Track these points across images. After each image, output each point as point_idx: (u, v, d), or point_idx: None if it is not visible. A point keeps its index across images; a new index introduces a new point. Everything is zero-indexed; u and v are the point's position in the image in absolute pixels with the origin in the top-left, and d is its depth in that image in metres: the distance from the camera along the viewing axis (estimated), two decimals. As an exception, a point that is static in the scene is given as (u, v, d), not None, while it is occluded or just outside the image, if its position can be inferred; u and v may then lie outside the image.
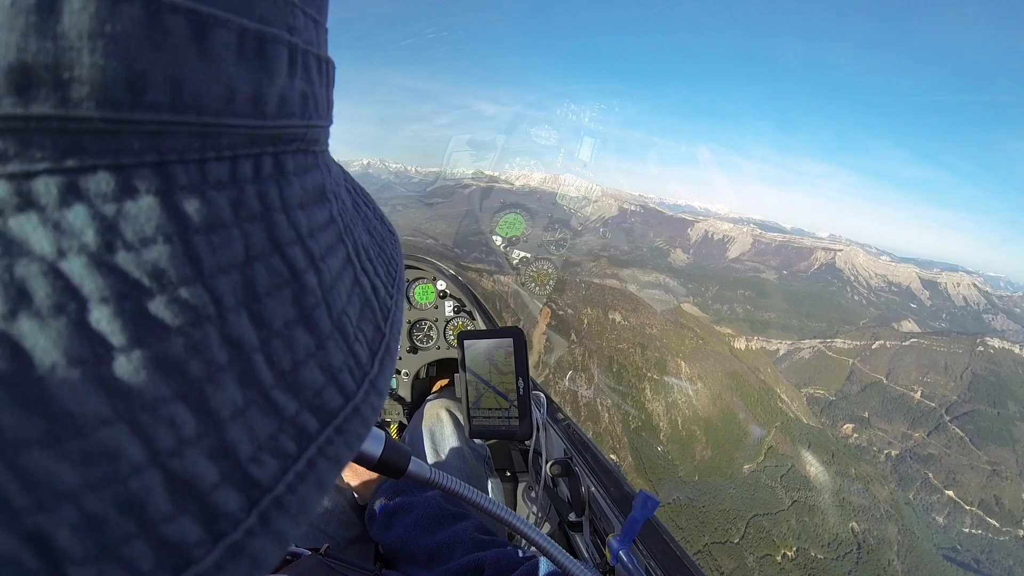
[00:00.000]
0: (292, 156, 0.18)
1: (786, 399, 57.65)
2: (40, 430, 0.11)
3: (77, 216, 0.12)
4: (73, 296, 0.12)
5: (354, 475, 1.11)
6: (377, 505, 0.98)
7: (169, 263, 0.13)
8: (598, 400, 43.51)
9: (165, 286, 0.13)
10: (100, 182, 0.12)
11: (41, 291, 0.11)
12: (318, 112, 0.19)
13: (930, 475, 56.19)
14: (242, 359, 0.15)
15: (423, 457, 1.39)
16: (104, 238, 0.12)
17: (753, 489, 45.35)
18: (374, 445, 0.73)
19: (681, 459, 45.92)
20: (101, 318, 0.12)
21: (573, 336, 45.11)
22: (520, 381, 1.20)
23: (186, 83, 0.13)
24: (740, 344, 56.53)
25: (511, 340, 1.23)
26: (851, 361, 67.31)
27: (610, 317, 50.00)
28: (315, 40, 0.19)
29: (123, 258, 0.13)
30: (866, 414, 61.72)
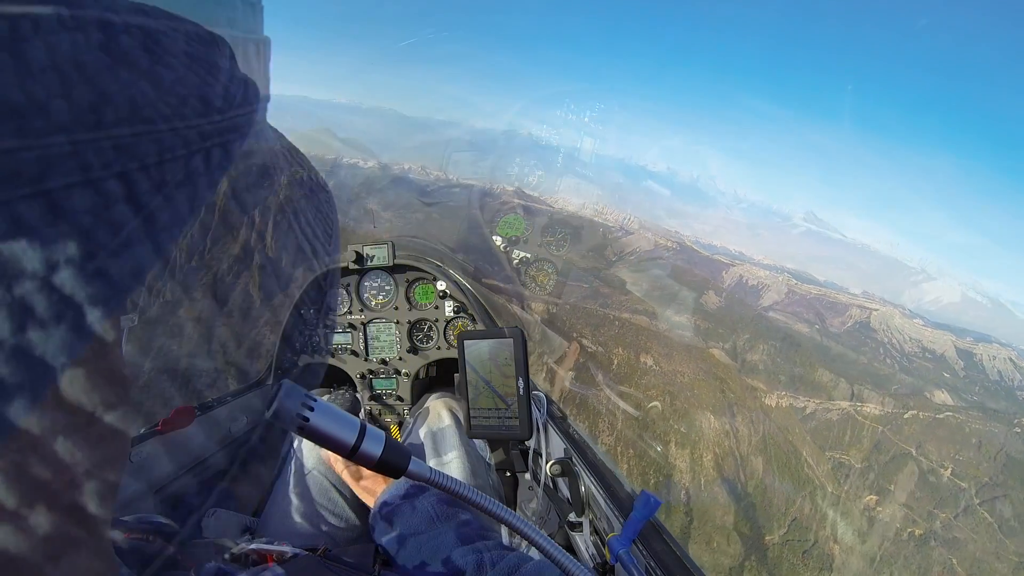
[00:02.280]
0: None
1: (811, 463, 54.21)
2: None
3: None
4: None
5: (359, 479, 1.12)
6: (380, 509, 1.03)
7: None
8: (619, 449, 40.89)
9: None
10: None
11: None
12: None
13: (954, 561, 52.21)
14: None
15: (423, 454, 1.41)
16: None
17: (775, 563, 42.08)
18: (374, 445, 0.76)
19: (700, 523, 42.85)
20: None
21: (600, 376, 42.70)
22: (520, 381, 1.23)
23: None
24: (771, 400, 53.43)
25: (511, 340, 1.25)
26: (880, 428, 63.59)
27: (641, 360, 47.45)
28: None
29: None
30: (892, 487, 57.92)
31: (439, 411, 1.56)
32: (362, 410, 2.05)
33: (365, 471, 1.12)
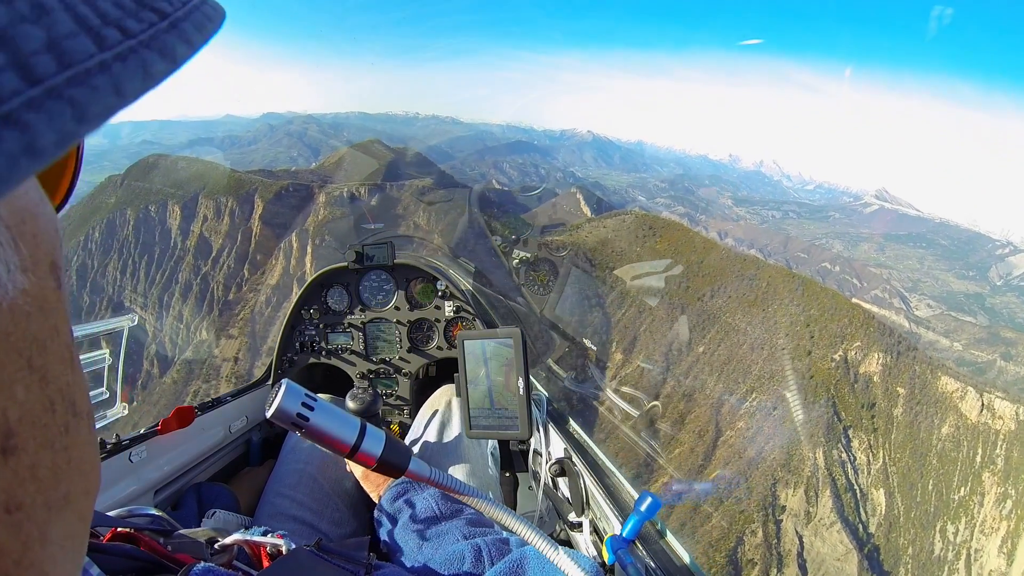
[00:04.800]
0: None
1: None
2: None
3: None
4: None
5: (365, 478, 1.17)
6: (384, 503, 1.07)
7: None
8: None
9: None
10: None
11: None
12: None
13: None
14: None
15: (430, 450, 1.43)
16: None
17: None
18: (374, 445, 0.78)
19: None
20: None
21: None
22: (520, 381, 1.22)
23: None
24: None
25: (512, 340, 1.24)
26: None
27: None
28: None
29: None
30: (1031, 514, 47.59)
31: (450, 399, 1.55)
32: (380, 407, 1.87)
33: (375, 474, 1.12)
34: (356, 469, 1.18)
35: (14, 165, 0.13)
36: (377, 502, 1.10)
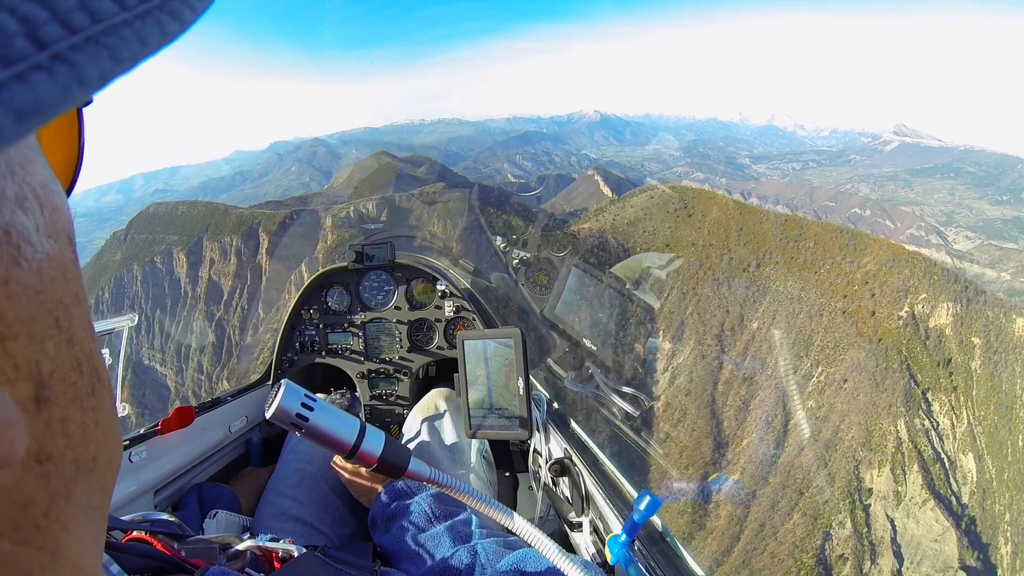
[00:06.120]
0: None
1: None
2: None
3: None
4: None
5: (357, 480, 1.17)
6: (377, 509, 1.06)
7: None
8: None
9: None
10: None
11: None
12: None
13: None
14: None
15: (425, 451, 1.41)
16: None
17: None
18: (374, 445, 0.78)
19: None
20: None
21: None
22: (520, 381, 1.23)
23: None
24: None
25: (512, 340, 1.24)
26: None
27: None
28: None
29: None
30: None
31: (436, 402, 1.54)
32: (361, 411, 1.99)
33: (367, 475, 1.12)
34: (342, 475, 1.18)
35: (67, 91, 0.16)
36: (368, 508, 1.08)
